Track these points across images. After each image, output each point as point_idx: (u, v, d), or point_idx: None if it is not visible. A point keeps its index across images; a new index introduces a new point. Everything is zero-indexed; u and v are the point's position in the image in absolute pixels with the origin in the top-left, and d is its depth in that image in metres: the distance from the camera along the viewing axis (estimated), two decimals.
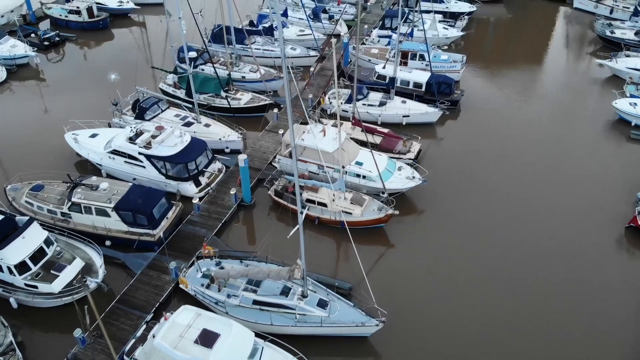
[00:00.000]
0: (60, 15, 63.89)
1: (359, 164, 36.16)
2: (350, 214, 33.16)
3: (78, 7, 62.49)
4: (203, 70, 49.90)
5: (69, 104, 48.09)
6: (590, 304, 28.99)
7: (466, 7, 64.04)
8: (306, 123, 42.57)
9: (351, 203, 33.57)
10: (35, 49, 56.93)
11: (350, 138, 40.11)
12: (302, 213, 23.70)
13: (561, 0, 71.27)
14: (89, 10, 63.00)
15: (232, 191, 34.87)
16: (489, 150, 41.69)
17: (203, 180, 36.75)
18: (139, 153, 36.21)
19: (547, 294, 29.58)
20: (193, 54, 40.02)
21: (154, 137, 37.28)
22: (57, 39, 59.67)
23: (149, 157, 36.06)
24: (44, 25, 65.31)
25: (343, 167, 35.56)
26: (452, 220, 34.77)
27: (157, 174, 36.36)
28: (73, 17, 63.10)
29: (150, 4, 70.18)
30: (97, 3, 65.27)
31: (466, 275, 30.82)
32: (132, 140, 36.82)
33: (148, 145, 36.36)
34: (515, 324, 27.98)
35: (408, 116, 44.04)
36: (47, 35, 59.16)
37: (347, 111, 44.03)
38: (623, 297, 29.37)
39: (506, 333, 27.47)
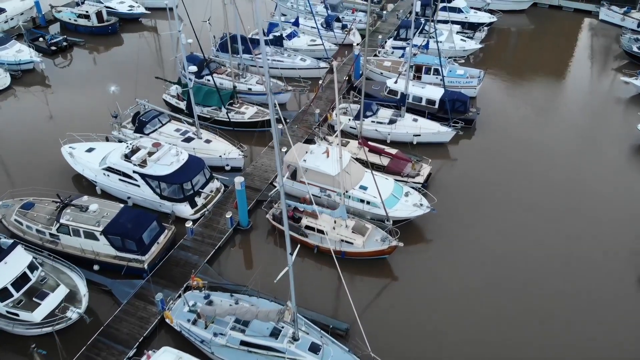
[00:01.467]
0: (70, 19, 62.92)
1: (363, 188, 34.10)
2: (352, 243, 31.12)
3: (87, 12, 61.38)
4: (209, 80, 48.27)
5: (71, 113, 46.89)
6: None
7: (486, 18, 61.36)
8: (313, 140, 40.77)
9: (352, 232, 31.54)
10: (42, 54, 55.86)
11: (357, 159, 38.09)
12: (291, 255, 21.76)
13: (587, 12, 68.10)
14: (98, 14, 61.87)
15: (228, 215, 33.08)
16: (504, 177, 39.26)
17: (199, 200, 35.05)
18: (134, 171, 34.64)
19: (567, 341, 27.18)
20: (193, 68, 38.32)
21: (150, 154, 35.71)
22: (64, 43, 58.66)
23: (143, 176, 34.50)
24: (54, 29, 64.41)
25: (346, 191, 33.55)
26: (461, 254, 32.53)
27: (151, 193, 34.79)
28: (82, 22, 62.07)
29: (161, 9, 68.78)
30: (107, 7, 64.14)
31: (475, 317, 28.56)
32: (127, 157, 35.30)
33: (143, 164, 34.80)
34: None
35: (419, 135, 41.84)
36: (55, 40, 58.15)
37: (355, 128, 41.98)
38: None
39: None
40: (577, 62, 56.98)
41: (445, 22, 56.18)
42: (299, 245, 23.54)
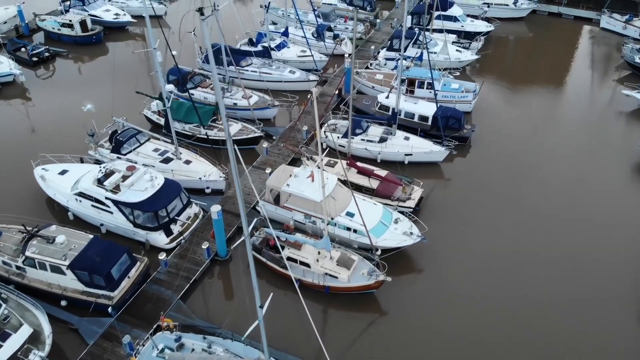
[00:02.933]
0: (53, 29, 60.92)
1: (350, 215, 32.05)
2: (336, 277, 29.07)
3: (70, 21, 59.32)
4: (193, 95, 46.22)
5: (47, 130, 44.96)
6: None
7: (483, 27, 59.23)
8: (299, 160, 38.81)
9: (337, 264, 29.47)
10: (22, 65, 53.88)
11: (345, 181, 36.01)
12: (261, 307, 19.71)
13: (587, 19, 66.01)
14: (82, 23, 59.85)
15: (205, 245, 31.03)
16: (500, 198, 37.22)
17: (175, 228, 33.02)
18: (106, 198, 32.63)
19: None
20: (170, 87, 36.25)
21: (125, 177, 33.70)
22: (46, 54, 56.61)
23: (116, 203, 32.48)
24: (39, 38, 62.32)
25: (332, 218, 31.55)
26: (454, 287, 30.48)
27: (125, 221, 32.78)
28: (66, 31, 60.05)
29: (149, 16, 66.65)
30: (91, 16, 62.10)
31: (469, 357, 26.51)
32: (100, 182, 33.29)
33: (116, 189, 32.78)
34: None
35: (411, 155, 39.77)
36: (36, 51, 56.15)
37: (344, 146, 39.92)
38: None
39: None
40: (577, 73, 54.93)
41: (440, 31, 54.12)
42: (271, 295, 21.48)
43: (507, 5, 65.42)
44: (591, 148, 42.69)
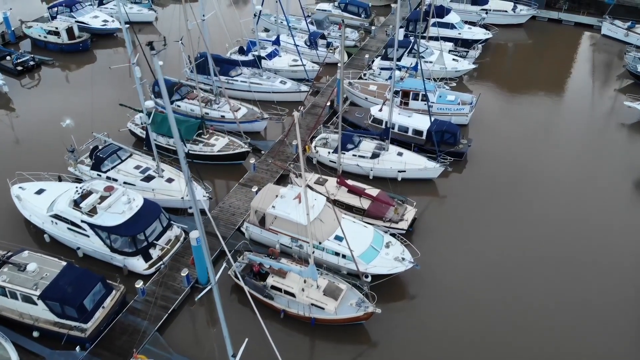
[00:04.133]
0: (40, 36, 59.22)
1: (339, 239, 30.37)
2: (323, 309, 27.42)
3: (57, 28, 57.65)
4: (179, 107, 44.70)
5: (30, 143, 43.45)
6: None
7: (481, 34, 57.50)
8: (288, 177, 37.24)
9: (324, 294, 27.82)
10: (6, 75, 52.27)
11: (335, 200, 34.48)
12: (234, 357, 18.06)
13: (588, 26, 64.30)
14: (69, 31, 58.18)
15: (184, 272, 29.39)
16: (497, 218, 35.62)
17: (155, 253, 31.39)
18: (82, 221, 31.00)
19: None
20: (150, 104, 34.57)
21: (103, 198, 32.12)
22: (31, 63, 54.95)
23: (92, 226, 30.83)
24: (26, 45, 60.65)
25: (319, 242, 29.93)
26: (447, 317, 28.84)
27: (102, 245, 31.17)
28: (52, 38, 58.37)
29: (138, 23, 65.25)
30: (79, 22, 60.48)
31: None
32: (76, 203, 31.70)
33: (91, 212, 31.18)
34: None
35: (404, 171, 38.12)
36: (21, 60, 54.49)
37: (335, 162, 38.36)
38: None
39: None
40: (578, 83, 53.26)
41: (437, 39, 52.46)
42: (246, 340, 19.85)
43: (506, 11, 63.75)
44: (592, 163, 41.08)
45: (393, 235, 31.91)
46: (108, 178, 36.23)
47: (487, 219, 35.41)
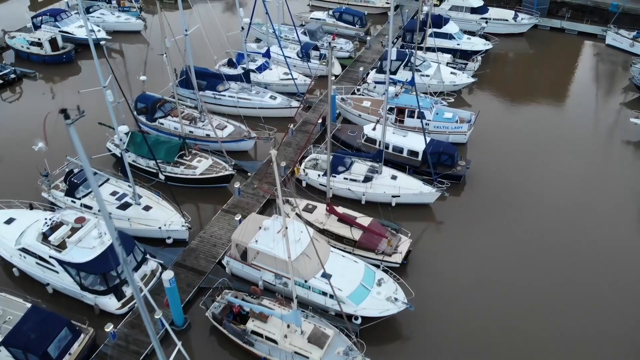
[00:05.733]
0: (22, 47, 57.02)
1: (327, 276, 28.02)
2: (307, 357, 25.15)
3: (39, 39, 55.41)
4: (162, 124, 42.48)
5: (4, 164, 41.08)
6: None
7: (481, 45, 55.19)
8: (275, 202, 34.96)
9: (309, 342, 25.55)
10: None
11: (324, 230, 32.27)
12: None
13: (592, 35, 61.97)
14: (52, 42, 55.96)
15: (157, 315, 27.08)
16: (499, 246, 33.42)
17: (128, 290, 29.12)
18: (50, 256, 28.78)
19: None
20: (124, 128, 32.33)
21: (74, 230, 29.94)
22: (12, 76, 52.76)
23: (61, 262, 28.62)
24: (10, 57, 58.39)
25: (305, 281, 27.71)
26: None
27: (72, 281, 28.93)
28: (35, 50, 56.15)
29: (125, 32, 63.10)
30: (63, 32, 58.23)
31: None
32: (45, 236, 29.54)
33: (61, 247, 29.00)
34: None
35: (398, 196, 35.87)
36: (2, 72, 52.25)
37: (325, 185, 36.04)
38: None
39: None
40: (581, 96, 50.99)
41: (434, 50, 50.22)
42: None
43: (507, 20, 61.42)
44: (596, 184, 38.90)
45: (386, 270, 29.62)
46: (82, 205, 34.05)
47: (487, 249, 33.20)
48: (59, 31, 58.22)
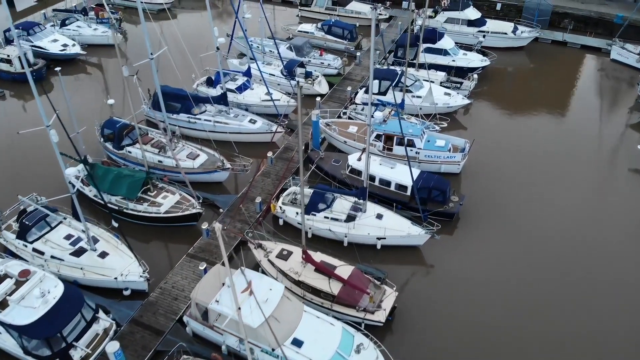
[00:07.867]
0: None
1: (298, 343, 24.75)
2: None
3: (9, 55, 52.16)
4: (130, 153, 39.18)
5: None
6: None
7: (478, 61, 51.78)
8: (246, 245, 31.72)
9: None
10: None
11: (300, 282, 28.92)
12: None
13: (596, 49, 58.54)
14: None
15: None
16: (495, 295, 30.06)
17: (76, 354, 25.81)
18: None
19: None
20: (72, 171, 29.06)
21: (19, 283, 26.68)
22: None
23: (1, 323, 25.35)
24: None
25: (272, 350, 24.39)
26: None
27: (15, 344, 25.64)
28: (4, 66, 52.90)
29: (100, 45, 59.81)
30: (35, 47, 54.96)
31: None
32: None
33: (1, 305, 25.70)
34: None
35: (384, 238, 32.52)
36: None
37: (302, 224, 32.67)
38: None
39: None
40: (585, 117, 47.61)
41: (428, 67, 46.86)
42: None
43: (506, 33, 57.98)
44: (604, 219, 35.51)
45: (367, 334, 26.21)
46: (34, 250, 30.82)
47: (482, 300, 29.86)
48: (31, 46, 54.86)
